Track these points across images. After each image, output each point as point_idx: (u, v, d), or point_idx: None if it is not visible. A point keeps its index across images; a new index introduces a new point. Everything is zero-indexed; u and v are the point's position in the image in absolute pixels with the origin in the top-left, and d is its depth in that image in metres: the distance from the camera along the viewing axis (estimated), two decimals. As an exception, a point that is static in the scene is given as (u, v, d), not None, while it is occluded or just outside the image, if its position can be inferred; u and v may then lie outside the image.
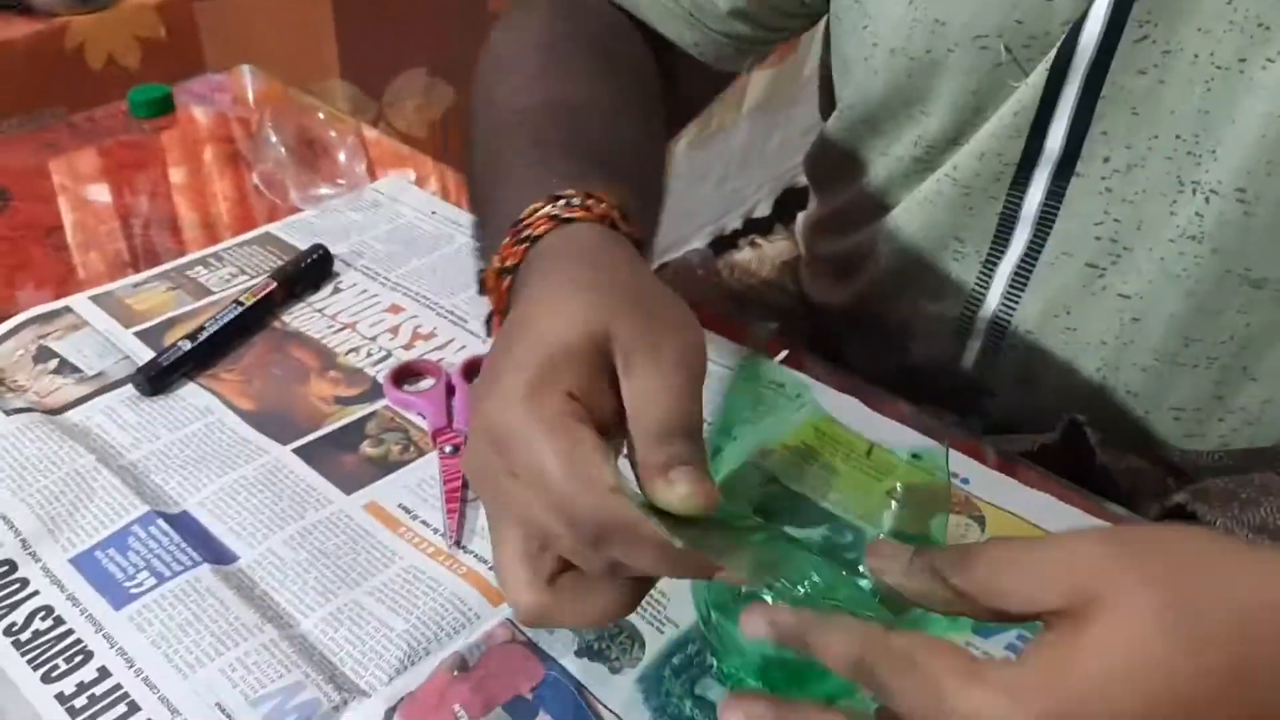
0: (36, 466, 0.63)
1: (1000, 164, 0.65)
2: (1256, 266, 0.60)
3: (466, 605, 0.55)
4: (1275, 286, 0.60)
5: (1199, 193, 0.60)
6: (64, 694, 0.51)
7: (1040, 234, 0.66)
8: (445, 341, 0.74)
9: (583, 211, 0.49)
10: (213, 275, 0.81)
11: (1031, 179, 0.65)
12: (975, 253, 0.70)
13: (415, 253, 0.83)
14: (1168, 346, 0.65)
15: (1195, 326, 0.64)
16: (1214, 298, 0.62)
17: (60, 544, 0.58)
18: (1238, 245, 0.60)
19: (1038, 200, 0.65)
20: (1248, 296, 0.61)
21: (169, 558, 0.57)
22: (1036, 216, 0.66)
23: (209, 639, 0.53)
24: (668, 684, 0.52)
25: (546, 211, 0.50)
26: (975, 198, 0.68)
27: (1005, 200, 0.67)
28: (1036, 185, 0.65)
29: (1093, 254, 0.65)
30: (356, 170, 0.91)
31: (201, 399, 0.69)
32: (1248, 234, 0.59)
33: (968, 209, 0.68)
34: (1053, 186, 0.64)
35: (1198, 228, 0.61)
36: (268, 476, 0.63)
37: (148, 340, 0.74)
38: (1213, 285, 0.61)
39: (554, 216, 0.49)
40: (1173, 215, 0.61)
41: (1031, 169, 0.65)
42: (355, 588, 0.56)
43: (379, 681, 0.52)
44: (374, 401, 0.69)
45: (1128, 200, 0.62)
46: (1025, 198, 0.66)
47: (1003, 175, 0.66)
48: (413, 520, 0.60)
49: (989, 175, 0.66)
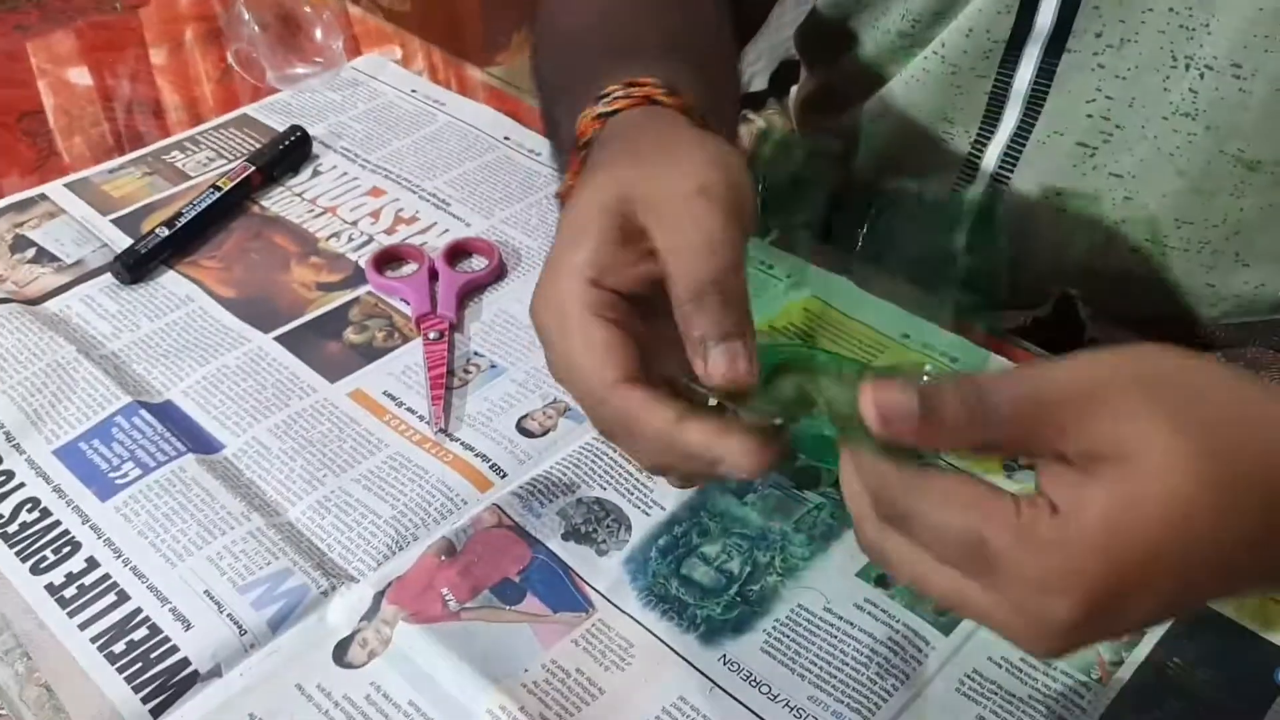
0: (17, 358, 0.62)
1: (989, 41, 0.64)
2: (1251, 147, 0.59)
3: (453, 491, 0.55)
4: (1270, 169, 0.59)
5: (1192, 68, 0.58)
6: (53, 584, 0.51)
7: (1031, 113, 0.64)
8: (428, 225, 0.73)
9: (624, 100, 0.48)
10: (189, 160, 0.79)
11: (1021, 57, 0.63)
12: (965, 133, 0.68)
13: (395, 133, 0.81)
14: (1159, 229, 0.64)
15: (1188, 208, 0.62)
16: (1207, 178, 0.61)
17: (44, 436, 0.58)
18: (1232, 124, 0.58)
19: (1028, 78, 0.64)
20: (1241, 178, 0.60)
21: (153, 448, 0.57)
22: (1027, 94, 0.64)
23: (196, 528, 0.53)
24: (654, 565, 0.52)
25: (591, 113, 0.48)
26: (963, 76, 0.66)
27: (995, 79, 0.65)
28: (1026, 63, 0.63)
29: (1084, 132, 0.63)
30: (334, 48, 0.88)
31: (182, 287, 0.68)
32: (1242, 112, 0.58)
33: (956, 88, 0.67)
34: (1043, 64, 0.63)
35: (1191, 104, 0.59)
36: (251, 365, 0.63)
37: (125, 227, 0.73)
38: (1205, 165, 0.60)
39: (598, 115, 0.48)
40: (1166, 91, 0.59)
41: (1021, 46, 0.63)
42: (341, 475, 0.56)
43: (367, 567, 0.52)
44: (356, 288, 0.68)
45: (1120, 77, 0.61)
46: (1015, 76, 0.64)
47: (992, 53, 0.64)
48: (398, 407, 0.60)
49: (977, 53, 0.64)
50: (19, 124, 0.85)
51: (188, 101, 0.87)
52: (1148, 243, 0.65)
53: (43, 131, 0.85)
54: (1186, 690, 0.47)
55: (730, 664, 0.48)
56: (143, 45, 0.95)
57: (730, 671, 0.48)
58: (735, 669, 0.48)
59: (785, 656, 0.48)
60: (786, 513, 0.54)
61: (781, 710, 0.46)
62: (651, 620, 0.50)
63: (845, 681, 0.47)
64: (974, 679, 0.48)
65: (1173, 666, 0.48)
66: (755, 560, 0.52)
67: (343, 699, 0.47)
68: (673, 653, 0.49)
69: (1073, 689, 0.47)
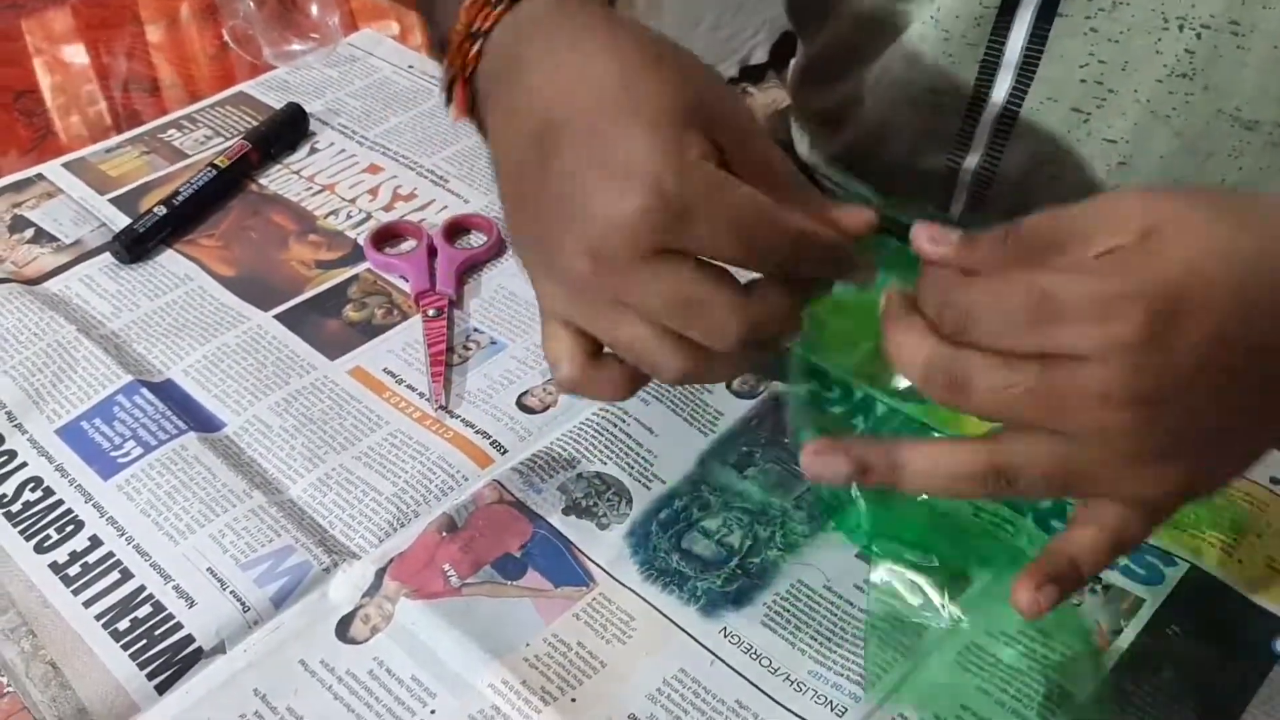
0: (18, 338, 0.62)
1: (981, 7, 0.63)
2: (1249, 106, 0.58)
3: (454, 468, 0.55)
4: (1268, 129, 0.59)
5: (1186, 28, 0.58)
6: (57, 563, 0.52)
7: (1023, 80, 0.64)
8: (426, 202, 0.73)
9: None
10: (186, 138, 0.79)
11: (1013, 23, 0.63)
12: (958, 102, 0.68)
13: (393, 110, 0.81)
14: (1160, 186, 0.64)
15: (1183, 169, 0.62)
16: (1205, 139, 0.61)
17: (46, 415, 0.58)
18: (1231, 82, 0.58)
19: (1020, 44, 0.63)
20: (1240, 138, 0.60)
21: (154, 426, 0.57)
22: (1019, 62, 0.64)
23: (198, 506, 0.54)
24: (655, 539, 0.52)
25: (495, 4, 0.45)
26: (955, 44, 0.66)
27: (986, 47, 0.64)
28: (1018, 29, 0.63)
29: (1077, 98, 0.63)
30: (329, 24, 0.88)
31: (180, 266, 0.68)
32: (1241, 69, 0.57)
33: (949, 56, 0.66)
34: (1035, 30, 0.62)
35: (1189, 65, 0.59)
36: (250, 343, 0.63)
37: (123, 206, 0.72)
38: (1203, 126, 0.60)
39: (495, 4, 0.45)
40: (1159, 54, 0.59)
41: (1013, 12, 0.63)
42: (342, 452, 0.56)
43: (368, 544, 0.52)
44: (355, 265, 0.68)
45: (1112, 40, 0.60)
46: (1007, 43, 0.64)
47: (984, 19, 0.64)
48: (398, 385, 0.60)
49: (969, 19, 0.64)
50: (15, 103, 0.85)
51: (184, 79, 0.87)
52: None
53: (39, 111, 0.85)
54: (1184, 658, 0.47)
55: (731, 636, 0.49)
56: (139, 23, 0.95)
57: (731, 644, 0.48)
58: (736, 641, 0.48)
59: (786, 630, 0.49)
60: (787, 489, 0.54)
61: (782, 683, 0.47)
62: (652, 593, 0.50)
63: (845, 655, 0.48)
64: (972, 651, 0.48)
65: (1171, 634, 0.48)
66: (756, 534, 0.52)
67: (346, 674, 0.48)
68: (674, 625, 0.49)
69: (1071, 658, 0.47)
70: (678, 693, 0.47)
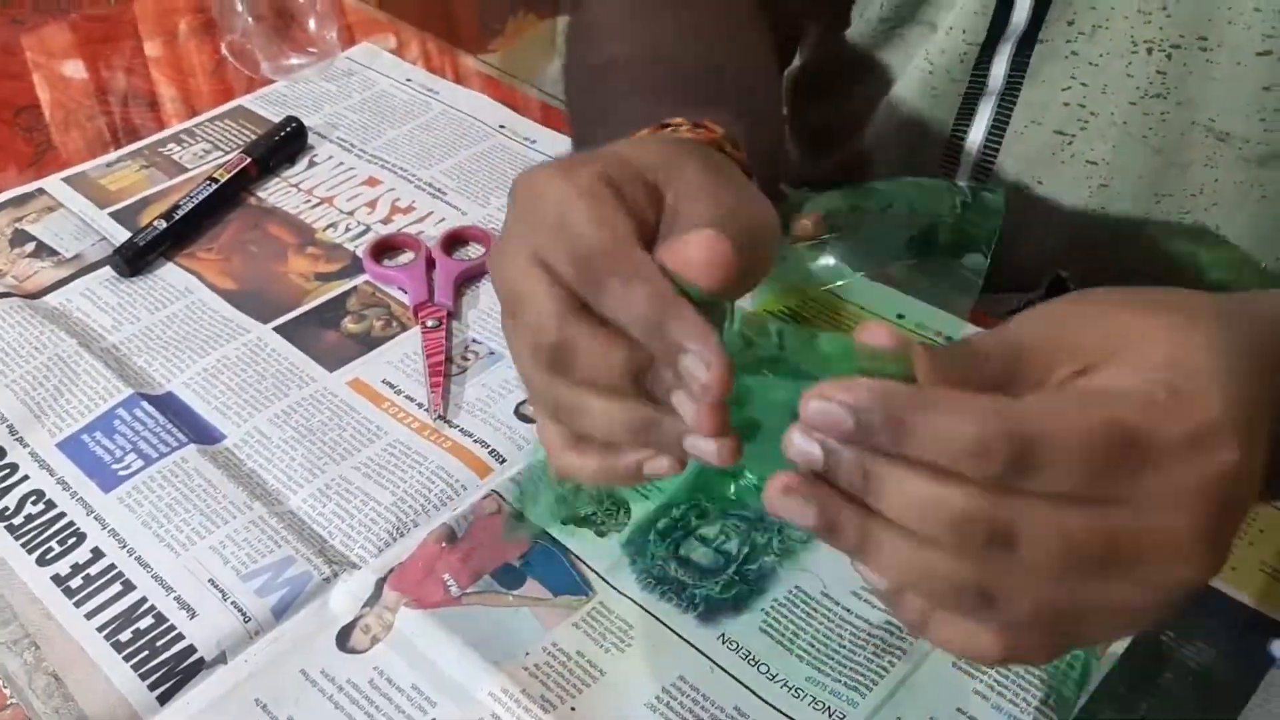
0: (19, 352, 0.63)
1: (965, 44, 0.65)
2: (1220, 118, 0.59)
3: (453, 478, 0.56)
4: (1238, 143, 0.60)
5: (1156, 51, 0.59)
6: (59, 576, 0.52)
7: (1006, 105, 0.65)
8: (424, 214, 0.73)
9: (691, 134, 0.46)
10: (186, 152, 0.79)
11: (995, 55, 0.64)
12: (944, 128, 0.69)
13: (390, 123, 0.81)
14: (1140, 205, 0.65)
15: (1165, 181, 0.63)
16: (1181, 151, 0.62)
17: (47, 429, 0.59)
18: (1202, 96, 0.59)
19: (1002, 72, 0.65)
20: (1214, 149, 0.61)
21: (155, 439, 0.58)
22: (1001, 89, 0.65)
23: (198, 518, 0.54)
24: (653, 547, 0.53)
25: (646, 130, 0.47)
26: (939, 78, 0.67)
27: (970, 80, 0.66)
28: (999, 60, 0.65)
29: (1061, 121, 0.64)
30: (328, 38, 0.88)
31: (180, 279, 0.68)
32: (1209, 83, 0.59)
33: (932, 90, 0.68)
34: (1016, 58, 0.64)
35: (1160, 85, 0.60)
36: (250, 355, 0.63)
37: (123, 221, 0.73)
38: (1179, 139, 0.61)
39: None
40: (1130, 77, 0.60)
41: (995, 45, 0.64)
42: (341, 463, 0.57)
43: (368, 554, 0.53)
44: (354, 277, 0.68)
45: (1092, 64, 0.62)
46: (989, 74, 0.65)
47: (967, 55, 0.65)
48: (397, 395, 0.61)
49: (954, 55, 0.66)
50: (16, 119, 0.85)
51: (183, 94, 0.88)
52: (1131, 220, 0.65)
53: (39, 126, 0.85)
54: (1180, 663, 0.47)
55: (729, 643, 0.49)
56: (137, 38, 0.96)
57: (729, 650, 0.49)
58: (734, 648, 0.49)
59: (784, 637, 0.49)
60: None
61: (780, 690, 0.47)
62: (651, 602, 0.51)
63: (843, 661, 0.48)
64: (970, 655, 0.48)
65: (1167, 639, 0.48)
66: (753, 541, 0.53)
67: (346, 683, 0.48)
68: (672, 633, 0.49)
69: (1068, 662, 0.47)
70: (677, 700, 0.47)
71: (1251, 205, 0.63)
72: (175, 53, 0.94)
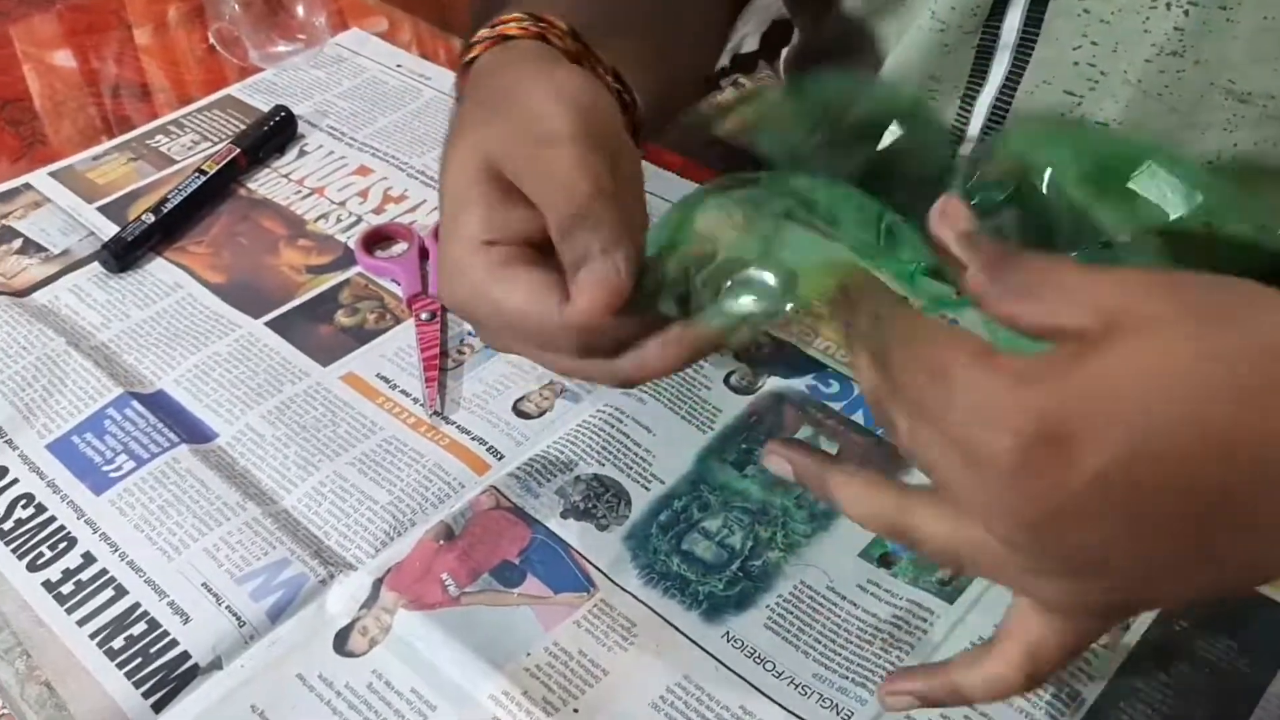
0: (7, 352, 0.61)
1: None
2: (1241, 78, 0.58)
3: (450, 475, 0.55)
4: (1261, 100, 0.58)
5: (1174, 6, 0.57)
6: (50, 581, 0.51)
7: (1019, 63, 0.64)
8: (417, 203, 0.72)
9: (482, 46, 0.49)
10: (174, 143, 0.78)
11: (1008, 7, 0.63)
12: (954, 89, 0.67)
13: (381, 110, 0.80)
14: None
15: (1182, 142, 0.62)
16: (1200, 112, 0.60)
17: (36, 430, 0.58)
18: (1221, 56, 0.58)
19: (1015, 28, 0.63)
20: (1234, 111, 0.59)
21: (146, 439, 0.57)
22: (1015, 45, 0.64)
23: (191, 520, 0.53)
24: (655, 541, 0.52)
25: (485, 34, 0.49)
26: (951, 34, 0.65)
27: (981, 33, 0.64)
28: (1013, 12, 0.63)
29: (1071, 80, 0.63)
30: (317, 24, 0.87)
31: (170, 274, 0.67)
32: (1231, 42, 0.57)
33: (944, 46, 0.66)
34: (1030, 13, 0.62)
35: (1179, 42, 0.58)
36: (242, 351, 0.62)
37: (111, 215, 0.72)
38: (1197, 100, 0.60)
39: (465, 63, 0.49)
40: (1147, 33, 0.59)
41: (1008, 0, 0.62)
42: (336, 459, 0.56)
43: (365, 554, 0.52)
44: (346, 269, 0.67)
45: (1104, 21, 0.60)
46: (1003, 27, 0.63)
47: (980, 8, 0.63)
48: (392, 390, 0.59)
49: (966, 10, 0.64)
50: (2, 112, 0.84)
51: (173, 83, 0.86)
52: None
53: (27, 119, 0.84)
54: (1194, 654, 0.46)
55: (734, 640, 0.48)
56: (126, 27, 0.94)
57: (734, 648, 0.48)
58: (739, 646, 0.48)
59: (789, 633, 0.48)
60: (787, 487, 0.53)
61: (787, 687, 0.46)
62: (654, 598, 0.50)
63: (850, 658, 0.47)
64: (980, 648, 0.47)
65: (1179, 630, 0.47)
66: (757, 535, 0.52)
67: (344, 688, 0.47)
68: (676, 631, 0.48)
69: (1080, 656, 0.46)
70: (681, 700, 0.46)
71: (1274, 166, 0.61)
72: (163, 41, 0.92)
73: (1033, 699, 0.45)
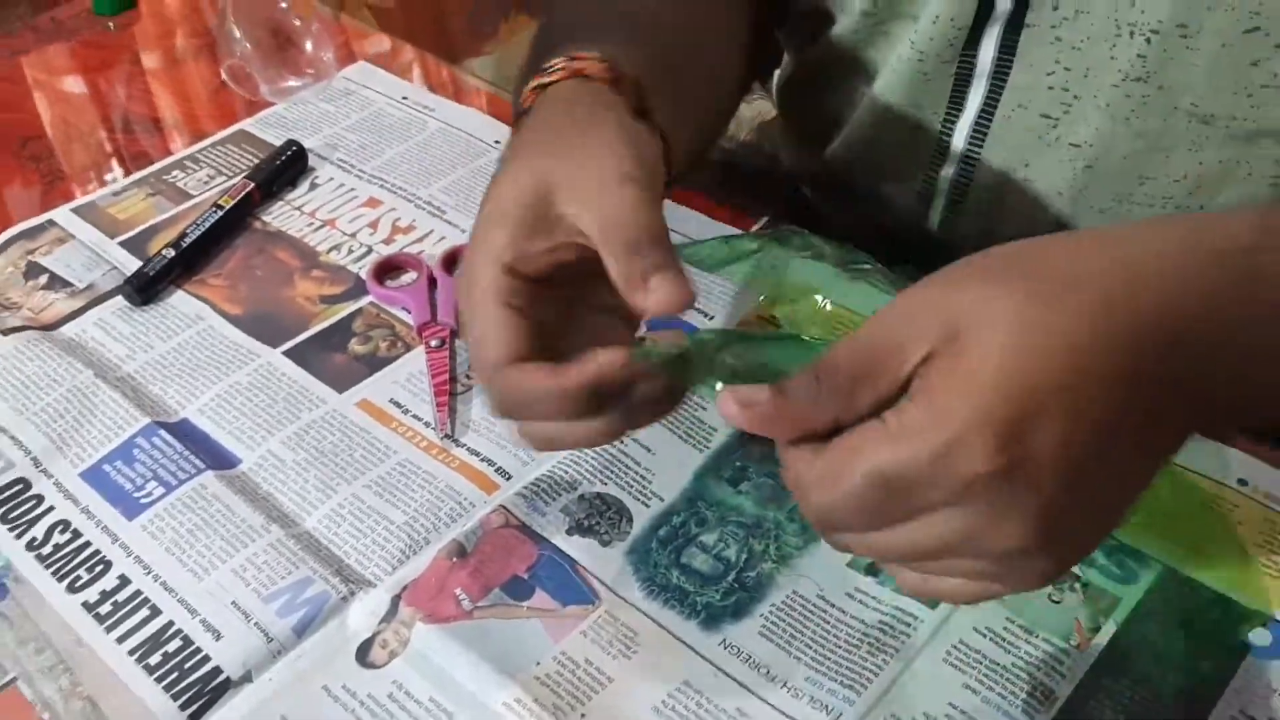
0: (38, 385, 0.65)
1: (954, 29, 0.66)
2: (1203, 102, 0.61)
3: (461, 495, 0.58)
4: (1224, 123, 0.61)
5: (1137, 35, 0.61)
6: (89, 602, 0.54)
7: (995, 89, 0.67)
8: (425, 234, 0.75)
9: (560, 73, 0.53)
10: (190, 178, 0.81)
11: (983, 37, 0.66)
12: (935, 115, 0.70)
13: (388, 142, 0.83)
14: (1124, 187, 0.66)
15: (1149, 165, 0.65)
16: (1165, 137, 0.63)
17: (69, 459, 0.61)
18: (1184, 81, 0.61)
19: (990, 56, 0.66)
20: (1198, 133, 0.62)
21: (174, 466, 0.60)
22: (991, 72, 0.67)
23: (219, 542, 0.56)
24: (655, 555, 0.55)
25: (532, 83, 0.54)
26: (930, 63, 0.68)
27: (959, 61, 0.67)
28: (988, 42, 0.66)
29: (1046, 104, 0.66)
30: (324, 59, 0.90)
31: (190, 306, 0.71)
32: (1192, 69, 0.60)
33: (924, 75, 0.69)
34: (1004, 41, 0.65)
35: (1142, 68, 0.62)
36: (261, 380, 0.65)
37: (133, 249, 0.75)
38: (1161, 124, 0.63)
39: (535, 87, 0.53)
40: (1113, 59, 0.62)
41: (983, 27, 0.65)
42: (354, 482, 0.59)
43: (383, 572, 0.55)
44: (358, 299, 0.71)
45: (1075, 48, 0.63)
46: (978, 56, 0.66)
47: (956, 39, 0.66)
48: (404, 415, 0.63)
49: (943, 40, 0.67)
50: (23, 150, 0.87)
51: (186, 117, 0.90)
52: (1114, 203, 0.67)
53: (46, 156, 0.87)
54: (1159, 653, 0.50)
55: (730, 648, 0.51)
56: (138, 63, 0.98)
57: (730, 655, 0.51)
58: (735, 652, 0.51)
59: (782, 640, 0.51)
60: (780, 502, 0.57)
61: (780, 690, 0.49)
62: (655, 609, 0.53)
63: (839, 661, 0.50)
64: (960, 649, 0.50)
65: (1147, 631, 0.50)
66: (751, 548, 0.55)
67: (367, 698, 0.50)
68: (676, 640, 0.52)
69: (1053, 655, 0.50)
70: (681, 704, 0.49)
71: (1236, 184, 0.64)
72: (176, 77, 0.96)
73: (1009, 697, 0.49)
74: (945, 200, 0.74)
